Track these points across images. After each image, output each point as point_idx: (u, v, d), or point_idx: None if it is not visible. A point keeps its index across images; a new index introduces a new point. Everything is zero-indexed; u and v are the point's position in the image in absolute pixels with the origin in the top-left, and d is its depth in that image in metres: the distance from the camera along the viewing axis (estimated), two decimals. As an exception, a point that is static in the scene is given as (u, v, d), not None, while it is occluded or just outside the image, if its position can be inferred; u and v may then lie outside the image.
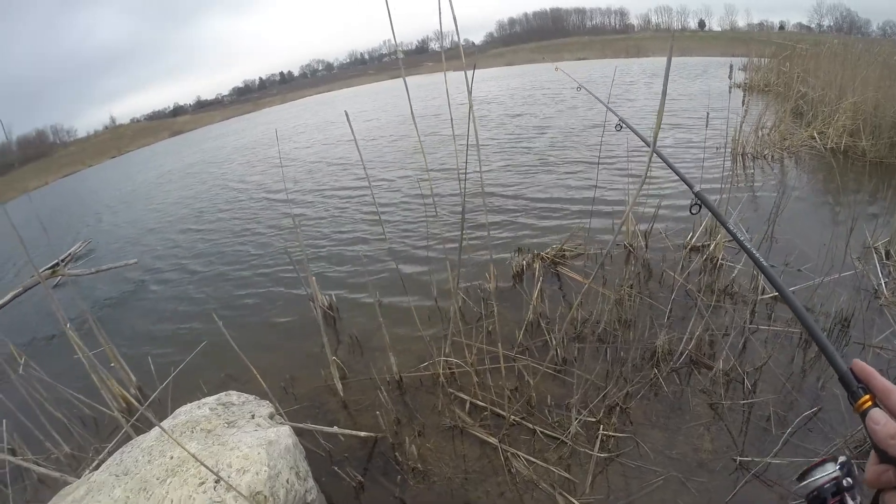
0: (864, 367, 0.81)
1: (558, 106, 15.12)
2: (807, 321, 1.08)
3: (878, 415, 0.74)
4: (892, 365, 2.98)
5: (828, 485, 0.79)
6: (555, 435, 2.84)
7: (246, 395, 2.81)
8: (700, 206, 1.79)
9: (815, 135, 7.85)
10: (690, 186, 1.90)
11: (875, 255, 4.07)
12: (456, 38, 2.86)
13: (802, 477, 0.84)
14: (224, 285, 6.03)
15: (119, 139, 56.91)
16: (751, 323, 3.51)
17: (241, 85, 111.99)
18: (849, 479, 0.79)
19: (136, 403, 3.52)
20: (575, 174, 7.72)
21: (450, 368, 3.46)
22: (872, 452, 0.74)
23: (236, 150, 20.52)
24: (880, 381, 0.79)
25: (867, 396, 0.77)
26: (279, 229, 7.85)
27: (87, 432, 3.58)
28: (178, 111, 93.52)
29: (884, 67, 8.34)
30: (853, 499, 0.78)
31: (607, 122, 3.22)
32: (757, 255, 1.38)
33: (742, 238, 1.49)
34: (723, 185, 4.73)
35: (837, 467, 0.80)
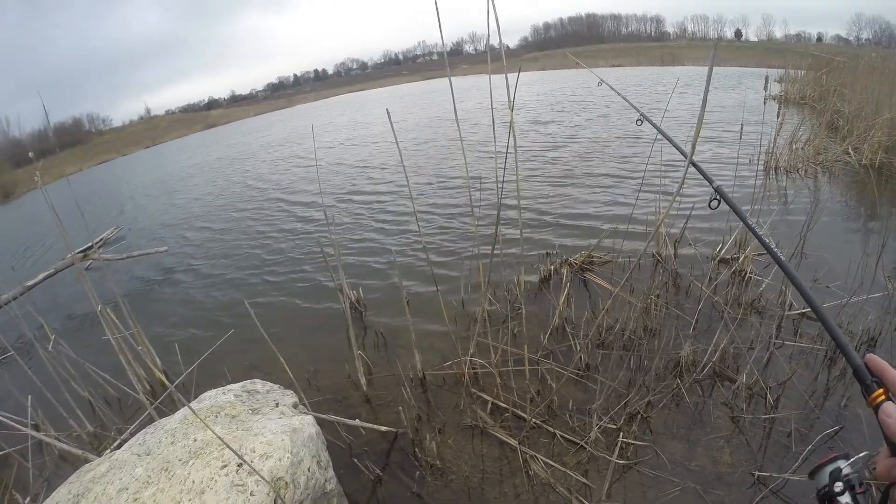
0: (877, 361, 0.81)
1: (587, 114, 15.04)
2: (819, 310, 1.08)
3: (890, 408, 0.75)
4: None
5: (839, 481, 0.79)
6: (574, 440, 2.85)
7: (271, 383, 2.85)
8: (719, 202, 1.79)
9: (850, 150, 7.72)
10: (710, 181, 1.90)
11: (906, 274, 4.01)
12: (491, 42, 2.87)
13: (813, 473, 0.84)
14: (251, 277, 6.11)
15: (153, 130, 57.95)
16: (776, 338, 3.47)
17: (275, 81, 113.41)
18: (860, 476, 0.79)
19: (165, 381, 3.57)
20: (603, 185, 7.68)
21: (473, 368, 3.48)
22: (884, 446, 0.75)
23: (266, 146, 20.76)
24: (893, 374, 0.79)
25: (880, 390, 0.79)
26: (307, 225, 7.93)
27: (111, 412, 3.67)
28: (212, 104, 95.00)
29: (924, 83, 8.21)
30: (864, 494, 0.78)
31: (640, 132, 3.20)
32: (774, 248, 1.38)
33: (760, 233, 1.48)
34: (754, 198, 4.69)
35: (849, 464, 0.81)
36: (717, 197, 1.79)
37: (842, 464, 0.81)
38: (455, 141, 11.73)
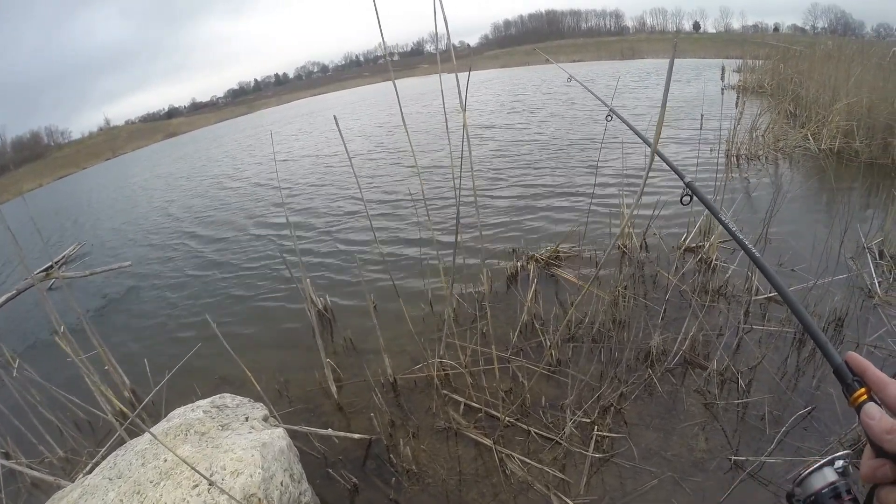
0: (858, 359, 0.79)
1: (539, 114, 15.07)
2: (798, 310, 1.07)
3: (872, 409, 0.73)
4: (887, 364, 3.00)
5: (826, 489, 0.78)
6: (549, 436, 2.84)
7: (240, 397, 2.81)
8: (691, 197, 1.77)
9: (809, 136, 7.89)
10: (681, 176, 1.89)
11: (868, 254, 4.09)
12: (451, 40, 2.85)
13: (801, 482, 0.82)
14: (217, 289, 6.01)
15: (113, 141, 57.35)
16: (745, 323, 3.51)
17: (235, 87, 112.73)
18: (847, 483, 0.78)
19: (125, 409, 3.51)
20: (567, 181, 7.74)
21: (444, 370, 3.46)
22: (868, 447, 0.73)
23: (226, 155, 20.49)
24: (875, 373, 0.77)
25: (862, 390, 0.76)
26: (272, 233, 7.83)
27: (81, 435, 3.57)
28: (172, 113, 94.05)
29: (877, 69, 8.40)
30: (852, 502, 0.77)
31: (598, 132, 3.21)
32: (746, 242, 1.38)
33: (734, 229, 1.48)
34: (716, 187, 4.74)
35: (836, 471, 0.79)
36: (689, 192, 1.78)
37: (828, 471, 0.78)
38: (403, 152, 11.61)
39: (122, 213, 12.86)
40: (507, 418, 2.99)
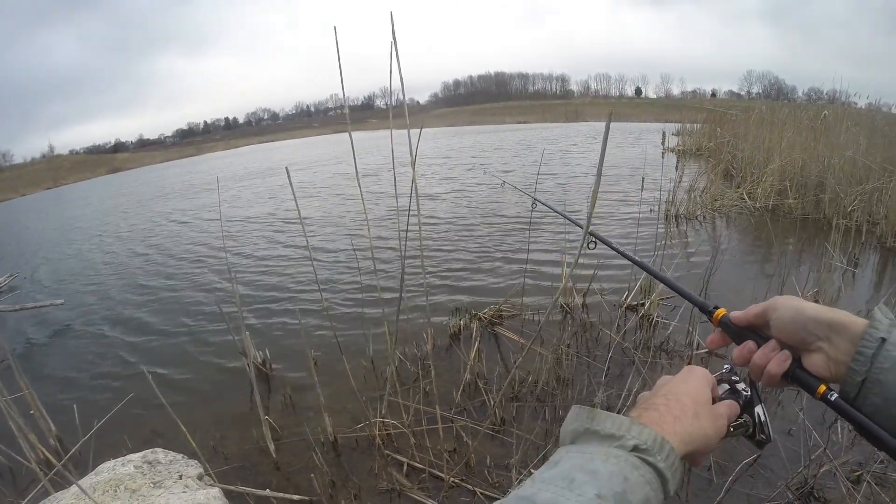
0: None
1: (475, 176, 15.27)
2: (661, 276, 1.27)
3: (731, 315, 0.89)
4: (827, 411, 3.11)
5: (724, 393, 0.84)
6: (495, 496, 2.79)
7: (173, 453, 2.68)
8: (596, 243, 1.88)
9: (745, 195, 8.26)
10: (580, 225, 2.03)
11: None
12: (401, 96, 2.88)
13: None
14: (154, 337, 5.78)
15: (56, 170, 56.78)
16: (687, 377, 3.56)
17: (185, 127, 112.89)
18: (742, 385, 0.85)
19: (52, 458, 3.30)
20: (507, 243, 7.81)
21: (386, 430, 3.38)
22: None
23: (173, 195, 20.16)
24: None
25: (722, 309, 0.92)
26: (213, 283, 7.61)
27: (2, 484, 3.37)
28: (118, 147, 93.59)
29: (809, 130, 8.89)
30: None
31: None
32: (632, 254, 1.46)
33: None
34: (657, 246, 4.86)
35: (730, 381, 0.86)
36: (594, 239, 1.88)
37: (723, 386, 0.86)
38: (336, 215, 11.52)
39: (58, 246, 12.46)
40: (451, 479, 2.92)
